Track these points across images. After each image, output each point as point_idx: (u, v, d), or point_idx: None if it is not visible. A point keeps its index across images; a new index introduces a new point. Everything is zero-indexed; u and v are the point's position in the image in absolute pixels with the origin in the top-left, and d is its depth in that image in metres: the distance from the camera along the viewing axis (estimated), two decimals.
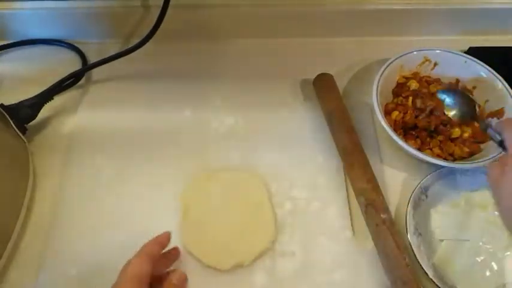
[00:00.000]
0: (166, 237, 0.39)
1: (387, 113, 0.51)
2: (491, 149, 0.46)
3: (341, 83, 0.55)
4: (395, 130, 0.48)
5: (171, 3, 0.52)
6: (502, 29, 0.62)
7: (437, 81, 0.53)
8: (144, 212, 0.46)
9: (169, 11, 0.53)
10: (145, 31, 0.54)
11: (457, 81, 0.53)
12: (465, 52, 0.60)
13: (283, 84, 0.57)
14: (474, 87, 0.52)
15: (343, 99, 0.53)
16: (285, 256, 0.43)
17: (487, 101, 0.51)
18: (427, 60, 0.53)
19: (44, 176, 0.49)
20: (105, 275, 0.42)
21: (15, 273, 0.42)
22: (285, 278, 0.42)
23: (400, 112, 0.50)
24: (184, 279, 0.39)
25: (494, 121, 0.41)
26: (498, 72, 0.55)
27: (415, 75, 0.53)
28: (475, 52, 0.60)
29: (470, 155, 0.48)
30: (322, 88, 0.54)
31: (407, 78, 0.53)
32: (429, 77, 0.53)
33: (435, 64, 0.53)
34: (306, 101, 0.56)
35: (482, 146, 0.49)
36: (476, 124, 0.49)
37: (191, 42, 0.61)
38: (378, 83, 0.47)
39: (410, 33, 0.61)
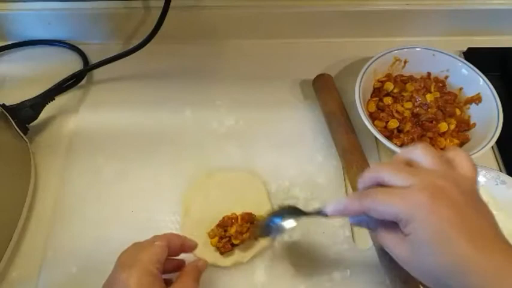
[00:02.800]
0: (193, 245, 0.37)
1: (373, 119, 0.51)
2: (477, 137, 0.48)
3: (340, 84, 0.56)
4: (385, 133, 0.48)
5: (171, 4, 0.53)
6: (500, 29, 0.62)
7: (411, 78, 0.54)
8: (145, 211, 0.46)
9: (169, 12, 0.53)
10: (146, 32, 0.54)
11: (429, 74, 0.54)
12: (464, 53, 0.61)
13: (283, 84, 0.57)
14: (446, 77, 0.54)
15: (342, 100, 0.53)
16: (284, 255, 0.43)
17: (461, 88, 0.52)
18: (397, 60, 0.53)
19: (46, 175, 0.49)
20: (106, 274, 0.42)
21: (17, 271, 0.43)
22: (285, 278, 0.42)
23: (381, 121, 0.50)
24: (205, 267, 0.37)
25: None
26: (496, 73, 0.55)
27: (389, 77, 0.53)
28: (474, 53, 0.60)
29: (461, 145, 0.49)
30: (322, 88, 0.55)
31: (382, 82, 0.53)
32: (402, 75, 0.54)
33: (405, 62, 0.54)
34: (305, 101, 0.56)
35: (469, 134, 0.50)
36: (458, 112, 0.50)
37: (192, 43, 0.61)
38: (359, 94, 0.48)
39: (409, 33, 0.62)
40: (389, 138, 0.48)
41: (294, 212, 0.38)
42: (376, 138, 0.46)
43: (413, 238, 0.28)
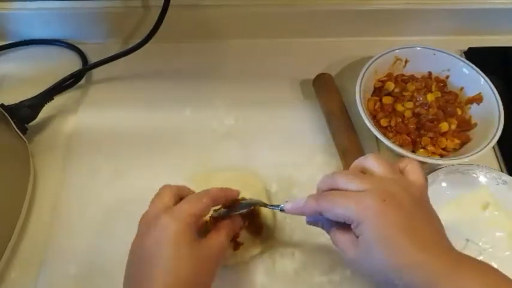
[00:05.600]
0: (234, 194, 0.38)
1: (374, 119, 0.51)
2: (478, 137, 0.48)
3: (340, 83, 0.56)
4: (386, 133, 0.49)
5: (171, 3, 0.53)
6: (501, 29, 0.62)
7: (412, 77, 0.54)
8: (144, 211, 0.46)
9: (169, 11, 0.53)
10: (146, 31, 0.54)
11: (430, 74, 0.54)
12: (464, 52, 0.61)
13: (283, 84, 0.57)
14: (447, 77, 0.53)
15: (343, 99, 0.53)
16: (284, 256, 0.43)
17: (462, 88, 0.52)
18: (398, 59, 0.53)
19: (45, 175, 0.49)
20: (106, 274, 0.42)
21: (16, 272, 0.42)
22: (285, 278, 0.42)
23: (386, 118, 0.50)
24: (239, 224, 0.38)
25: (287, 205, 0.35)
26: (498, 73, 0.55)
27: (390, 76, 0.53)
28: (475, 52, 0.60)
29: (462, 145, 0.49)
30: (322, 88, 0.54)
31: (382, 81, 0.53)
32: (403, 75, 0.54)
33: (406, 61, 0.54)
34: (305, 100, 0.56)
35: (470, 134, 0.49)
36: (459, 112, 0.50)
37: (191, 43, 0.61)
38: (360, 94, 0.48)
39: (409, 33, 0.62)
40: (389, 137, 0.48)
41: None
42: (376, 137, 0.46)
43: (363, 239, 0.30)
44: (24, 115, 0.49)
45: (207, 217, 0.41)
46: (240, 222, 0.39)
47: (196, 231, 0.34)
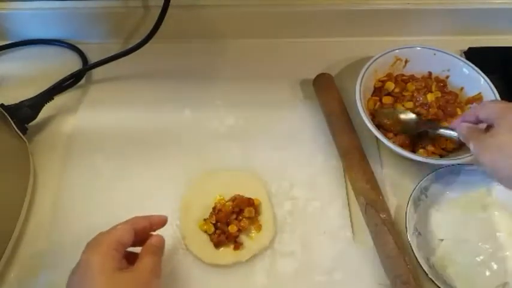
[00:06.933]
0: (160, 220, 0.38)
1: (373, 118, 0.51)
2: None
3: (341, 83, 0.56)
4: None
5: (171, 3, 0.53)
6: (501, 29, 0.62)
7: (412, 77, 0.54)
8: (144, 211, 0.45)
9: (169, 11, 0.53)
10: (146, 31, 0.54)
11: (430, 74, 0.54)
12: (464, 52, 0.61)
13: (283, 84, 0.57)
14: (447, 77, 0.53)
15: (343, 99, 0.53)
16: (284, 256, 0.43)
17: (462, 88, 0.52)
18: (398, 59, 0.53)
19: (44, 175, 0.49)
20: None
21: (16, 272, 0.42)
22: (285, 278, 0.42)
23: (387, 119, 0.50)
24: (163, 243, 0.38)
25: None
26: (498, 73, 0.55)
27: (390, 76, 0.53)
28: (475, 52, 0.60)
29: (462, 145, 0.48)
30: (322, 88, 0.54)
31: (383, 81, 0.53)
32: (403, 75, 0.54)
33: (406, 61, 0.54)
34: (305, 100, 0.56)
35: None
36: (459, 112, 0.50)
37: (191, 43, 0.61)
38: (360, 94, 0.48)
39: (410, 33, 0.62)
40: (389, 137, 0.48)
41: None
42: (376, 137, 0.46)
43: (501, 136, 0.35)
44: (24, 115, 0.49)
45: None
46: (163, 241, 0.38)
47: (121, 259, 0.34)
